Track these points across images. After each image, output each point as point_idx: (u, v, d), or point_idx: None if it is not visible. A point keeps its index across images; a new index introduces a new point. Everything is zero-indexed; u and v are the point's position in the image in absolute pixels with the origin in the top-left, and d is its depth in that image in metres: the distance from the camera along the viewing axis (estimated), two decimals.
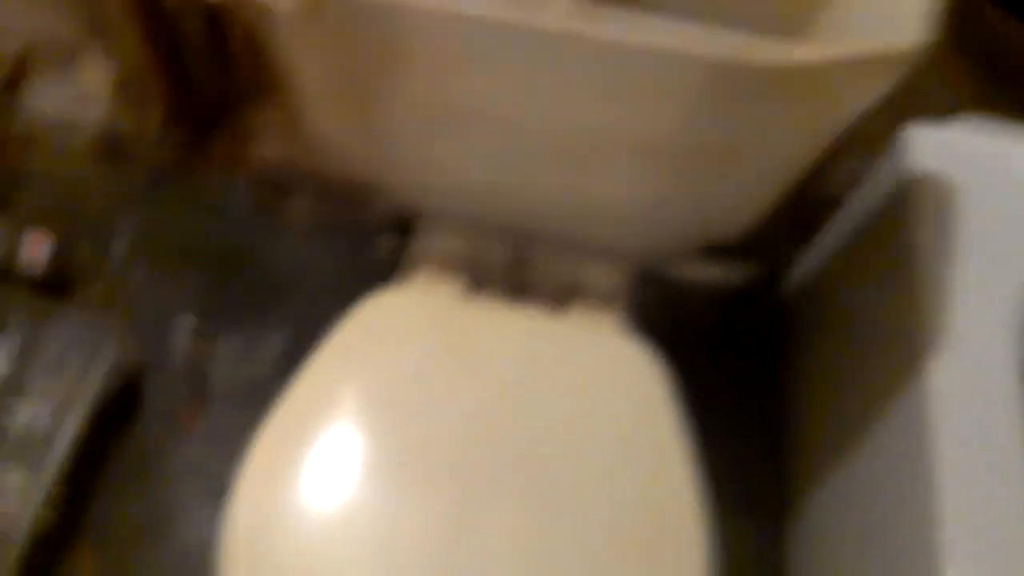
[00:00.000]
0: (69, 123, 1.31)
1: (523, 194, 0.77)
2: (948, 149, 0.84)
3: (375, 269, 1.25)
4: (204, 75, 1.18)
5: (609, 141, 0.68)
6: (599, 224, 0.80)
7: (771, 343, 1.18)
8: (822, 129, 0.65)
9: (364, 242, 1.30)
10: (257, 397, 1.12)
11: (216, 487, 1.09)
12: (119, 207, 1.29)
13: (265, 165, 1.32)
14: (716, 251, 0.84)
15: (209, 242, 1.28)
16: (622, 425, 0.72)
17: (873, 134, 0.81)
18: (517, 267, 0.84)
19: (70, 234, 1.22)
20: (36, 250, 1.15)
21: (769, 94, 0.60)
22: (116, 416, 1.11)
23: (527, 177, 0.74)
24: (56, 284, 1.18)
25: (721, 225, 0.78)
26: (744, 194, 0.73)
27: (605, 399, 0.73)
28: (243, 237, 1.29)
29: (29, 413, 1.05)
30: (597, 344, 0.77)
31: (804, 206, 0.95)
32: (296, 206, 1.33)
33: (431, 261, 0.83)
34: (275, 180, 1.32)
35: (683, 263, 0.91)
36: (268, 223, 1.31)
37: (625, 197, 0.74)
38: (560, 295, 0.82)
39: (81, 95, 1.31)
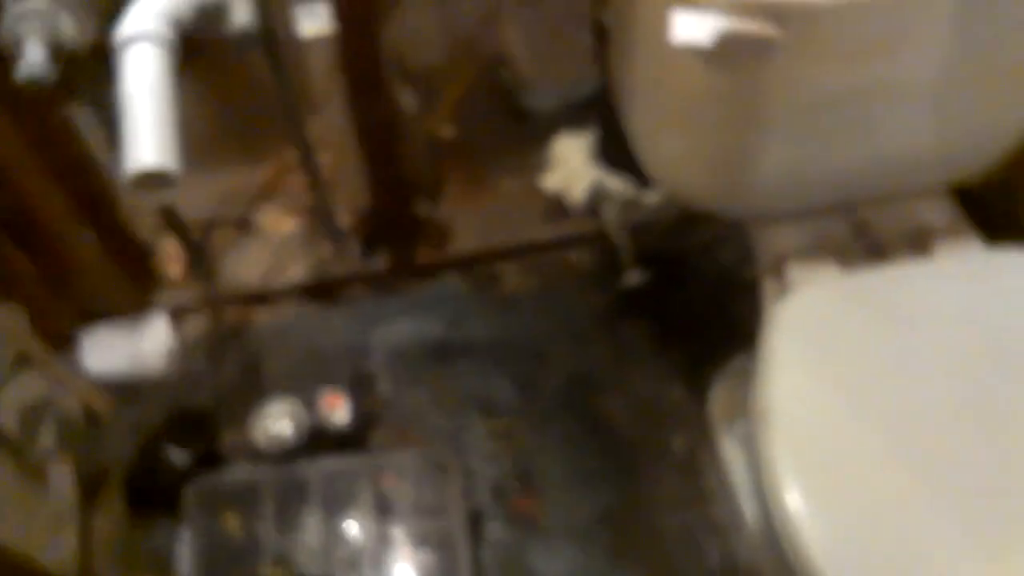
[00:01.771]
0: (271, 274, 1.34)
1: (860, 164, 0.84)
2: None
3: (613, 309, 1.33)
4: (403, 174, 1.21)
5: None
6: (919, 166, 0.87)
7: None
8: None
9: (581, 289, 1.37)
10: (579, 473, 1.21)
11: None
12: (354, 342, 1.32)
13: (465, 254, 1.38)
14: None
15: (452, 342, 1.33)
16: None
17: None
18: (859, 232, 0.91)
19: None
20: (335, 410, 1.18)
21: None
22: None
23: (879, 141, 0.81)
24: (358, 435, 1.22)
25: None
26: None
27: None
28: (472, 325, 1.34)
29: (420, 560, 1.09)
30: (994, 267, 0.84)
31: None
32: (508, 281, 1.38)
33: (789, 256, 0.89)
34: (480, 263, 1.38)
35: None
36: (490, 304, 1.36)
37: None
38: (915, 242, 0.89)
39: (272, 246, 1.36)
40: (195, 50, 0.91)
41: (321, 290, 1.35)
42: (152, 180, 0.80)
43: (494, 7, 1.46)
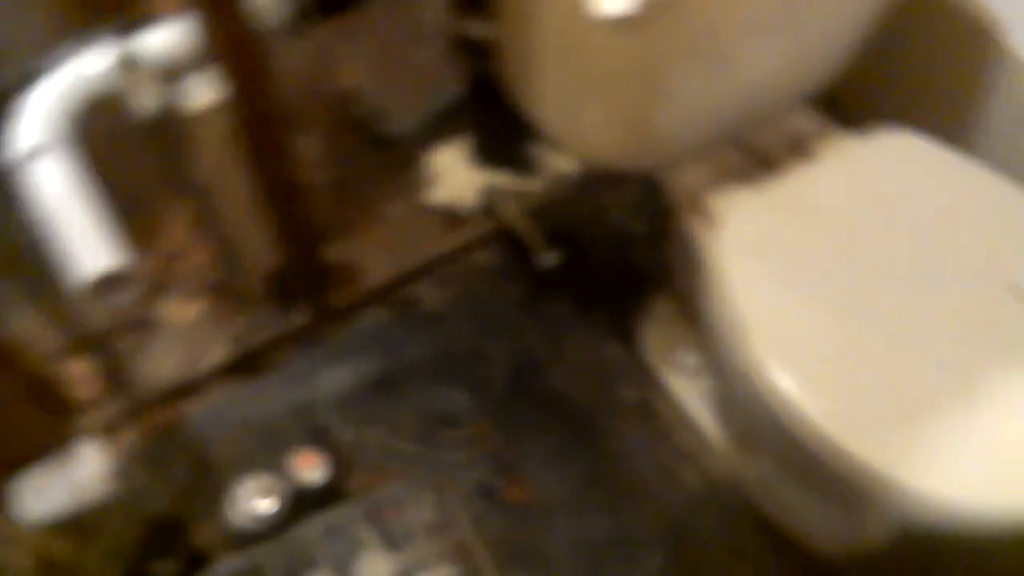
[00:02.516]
0: (190, 363, 1.30)
1: (738, 96, 0.96)
2: None
3: (533, 294, 1.40)
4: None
5: None
6: (783, 86, 1.00)
7: None
8: None
9: (498, 285, 1.43)
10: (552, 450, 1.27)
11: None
12: (298, 402, 1.31)
13: (379, 286, 1.39)
14: None
15: (393, 372, 1.34)
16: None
17: None
18: (749, 155, 1.03)
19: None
20: (311, 468, 1.17)
21: None
22: None
23: (751, 72, 0.93)
24: (338, 488, 1.21)
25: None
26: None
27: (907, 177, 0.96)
28: (407, 350, 1.36)
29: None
30: (869, 151, 0.98)
31: None
32: (428, 299, 1.41)
33: (701, 190, 1.00)
34: (395, 290, 1.40)
35: None
36: (417, 325, 1.39)
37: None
38: (796, 149, 1.02)
39: (182, 335, 1.32)
40: None
41: (247, 362, 1.32)
42: (109, 283, 0.78)
43: (323, 47, 1.49)
